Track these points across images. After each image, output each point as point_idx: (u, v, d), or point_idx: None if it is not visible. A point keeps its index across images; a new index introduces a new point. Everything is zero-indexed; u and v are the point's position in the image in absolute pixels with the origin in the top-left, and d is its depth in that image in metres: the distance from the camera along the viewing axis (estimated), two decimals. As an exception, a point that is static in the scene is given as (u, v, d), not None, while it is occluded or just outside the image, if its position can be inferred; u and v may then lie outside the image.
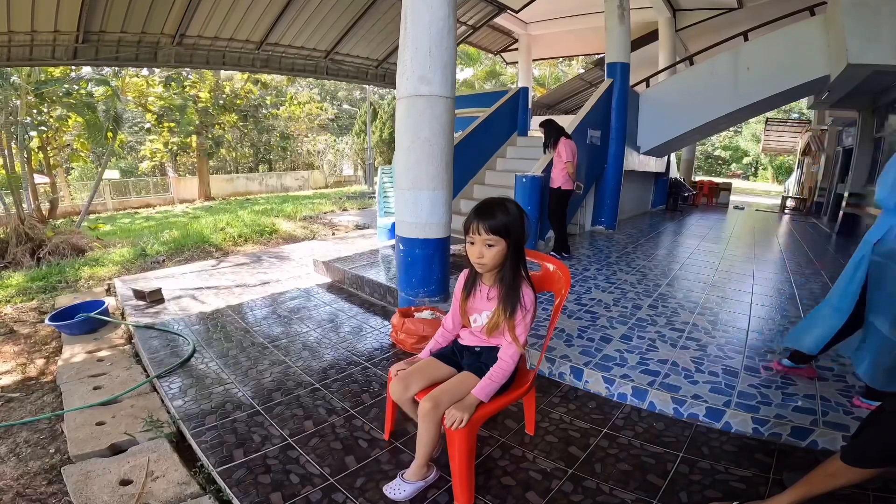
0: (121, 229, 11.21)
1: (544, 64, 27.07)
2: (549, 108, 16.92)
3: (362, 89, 29.56)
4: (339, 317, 4.04)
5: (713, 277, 5.04)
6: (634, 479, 2.00)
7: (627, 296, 4.24)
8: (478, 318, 1.91)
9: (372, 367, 3.06)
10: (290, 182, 26.92)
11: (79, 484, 1.97)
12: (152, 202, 20.97)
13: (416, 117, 3.50)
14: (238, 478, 1.99)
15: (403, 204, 3.69)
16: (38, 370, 3.28)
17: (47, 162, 13.22)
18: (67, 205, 17.44)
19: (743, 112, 8.30)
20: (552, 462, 2.11)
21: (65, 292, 5.11)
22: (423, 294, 3.80)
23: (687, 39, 12.28)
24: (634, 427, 2.40)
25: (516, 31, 13.18)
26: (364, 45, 8.53)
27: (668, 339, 3.28)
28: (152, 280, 5.12)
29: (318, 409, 2.54)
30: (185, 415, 2.49)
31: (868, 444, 1.51)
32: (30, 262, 6.93)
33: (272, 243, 7.93)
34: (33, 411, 2.71)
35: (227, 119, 21.80)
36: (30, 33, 5.49)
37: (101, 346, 3.49)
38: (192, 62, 7.22)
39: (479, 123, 7.57)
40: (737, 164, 43.01)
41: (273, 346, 3.40)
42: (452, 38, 3.47)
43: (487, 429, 2.35)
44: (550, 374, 2.95)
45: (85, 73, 11.43)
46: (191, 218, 12.61)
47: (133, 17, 5.91)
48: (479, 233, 1.72)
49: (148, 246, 7.30)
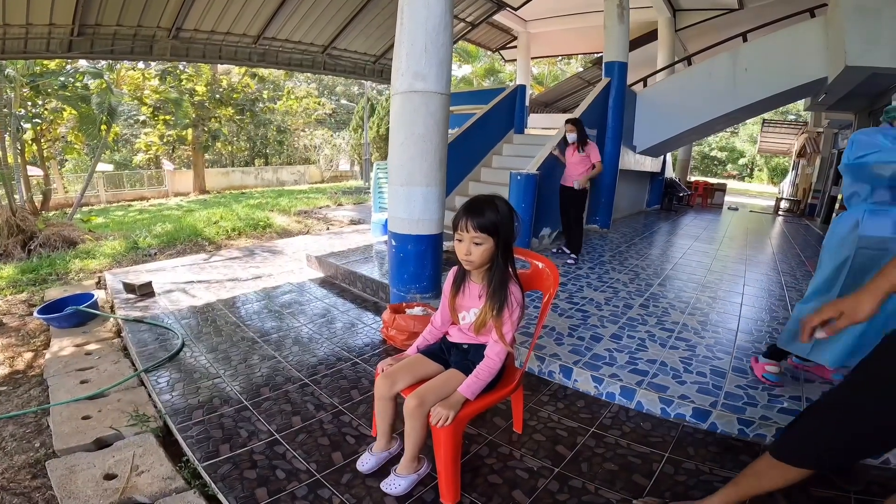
0: (114, 222, 11.14)
1: (543, 62, 27.04)
2: (546, 105, 16.90)
3: (360, 84, 29.42)
4: (331, 312, 4.03)
5: (705, 278, 5.06)
6: (620, 478, 2.00)
7: (619, 295, 4.25)
8: (466, 316, 1.90)
9: (362, 363, 3.06)
10: (286, 176, 26.79)
11: (63, 478, 1.96)
12: (147, 195, 20.83)
13: (411, 114, 3.48)
14: (224, 473, 1.98)
15: (396, 200, 3.69)
16: (26, 363, 3.26)
17: (41, 154, 13.09)
18: (61, 197, 17.30)
19: (740, 113, 8.32)
20: (539, 461, 2.11)
21: (55, 285, 5.09)
22: (415, 290, 3.80)
23: (686, 40, 12.29)
24: (622, 427, 2.40)
25: (515, 29, 13.16)
26: (362, 40, 8.48)
27: (658, 338, 3.29)
28: (143, 273, 5.10)
29: (306, 405, 2.54)
30: (172, 409, 2.49)
31: (801, 438, 1.40)
32: (21, 253, 6.89)
33: (266, 237, 7.91)
34: (20, 405, 2.70)
35: (223, 113, 21.70)
36: (25, 26, 5.43)
37: (89, 339, 3.48)
38: (189, 56, 7.16)
39: (475, 120, 7.58)
40: (733, 165, 43.08)
41: (263, 341, 3.39)
42: (449, 35, 3.45)
43: (475, 426, 2.35)
44: (540, 373, 2.95)
45: (81, 66, 11.35)
46: (185, 211, 12.56)
47: (129, 10, 5.85)
48: (468, 230, 1.71)
49: (140, 239, 7.27)
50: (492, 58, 24.49)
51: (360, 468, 1.97)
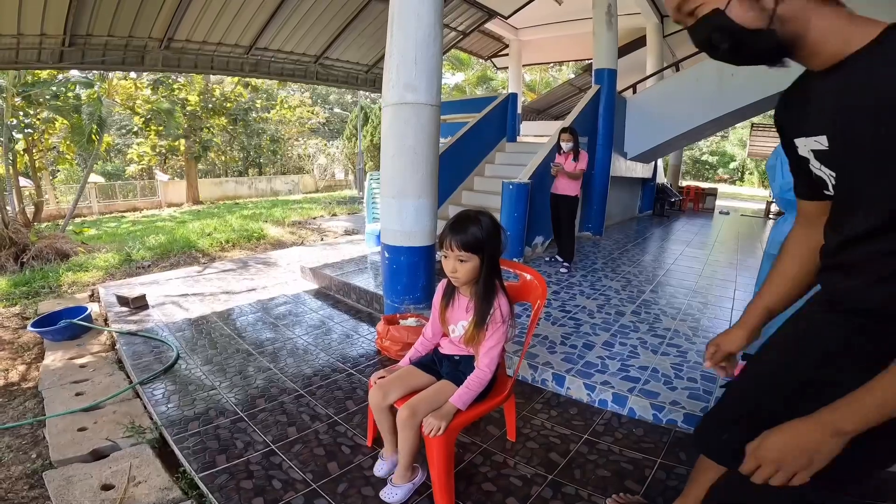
0: (106, 233, 11.11)
1: (535, 69, 27.22)
2: (538, 112, 17.01)
3: (354, 93, 29.53)
4: (326, 323, 4.05)
5: (696, 283, 5.11)
6: (613, 485, 2.03)
7: (611, 302, 4.29)
8: (455, 329, 1.93)
9: (357, 374, 3.08)
10: (279, 186, 26.79)
11: (60, 489, 1.97)
12: (139, 206, 20.79)
13: (402, 125, 3.52)
14: (220, 483, 2.00)
15: (388, 212, 3.72)
16: (20, 376, 3.26)
17: (32, 165, 13.07)
18: (53, 208, 17.25)
19: (729, 118, 8.39)
20: (533, 468, 2.13)
21: (48, 298, 5.07)
22: (409, 301, 3.82)
23: (675, 45, 12.41)
24: (614, 433, 2.43)
25: (507, 37, 13.26)
26: (354, 49, 8.54)
27: (650, 345, 3.33)
28: (137, 286, 5.09)
29: (301, 416, 2.56)
30: (168, 421, 2.50)
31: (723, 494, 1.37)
32: (13, 266, 6.87)
33: (260, 249, 7.92)
34: (15, 417, 2.71)
35: (216, 122, 21.69)
36: (16, 36, 5.44)
37: (83, 352, 3.48)
38: (180, 66, 7.19)
39: (467, 129, 7.61)
40: (724, 169, 43.47)
41: (258, 352, 3.40)
42: (439, 46, 3.50)
43: (469, 435, 2.37)
44: (533, 381, 2.98)
45: (72, 76, 11.35)
46: (178, 222, 12.53)
47: (120, 21, 5.88)
48: (452, 248, 1.73)
49: (133, 251, 7.26)
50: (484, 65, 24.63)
51: (377, 473, 2.04)
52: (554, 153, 5.56)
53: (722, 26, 0.94)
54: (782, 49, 0.95)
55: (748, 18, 0.92)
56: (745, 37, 0.94)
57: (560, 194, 5.36)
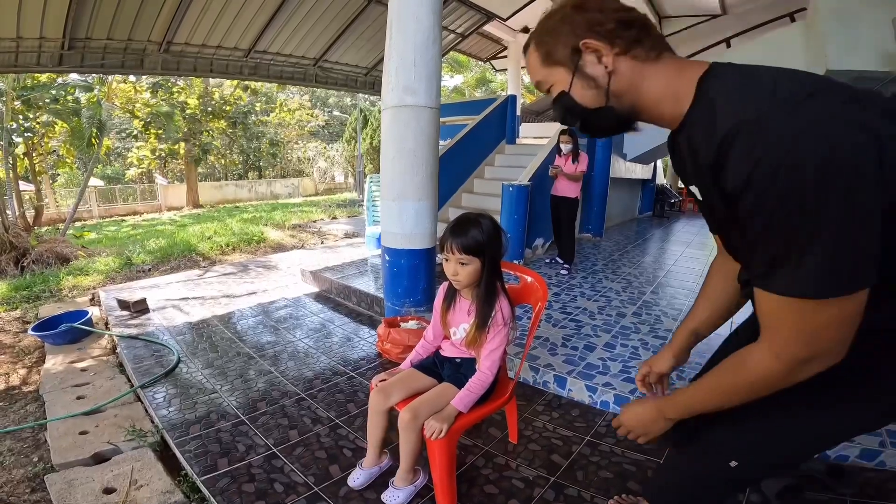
0: (107, 237, 11.11)
1: (534, 71, 27.16)
2: (537, 114, 17.01)
3: (353, 95, 29.53)
4: (326, 327, 4.05)
5: (697, 284, 5.10)
6: (615, 486, 2.03)
7: (612, 304, 4.29)
8: (457, 331, 1.93)
9: (358, 377, 3.08)
10: (279, 189, 26.77)
11: (62, 492, 1.97)
12: (139, 209, 20.77)
13: (401, 128, 3.52)
14: (222, 486, 2.00)
15: (389, 214, 3.72)
16: (21, 379, 3.26)
17: (32, 168, 13.08)
18: (53, 212, 17.25)
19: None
20: (535, 470, 2.13)
21: (49, 302, 5.08)
22: (409, 304, 3.82)
23: (673, 46, 12.35)
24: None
25: (505, 39, 13.24)
26: (353, 52, 8.54)
27: (651, 346, 3.32)
28: (137, 290, 5.10)
29: (303, 419, 2.56)
30: (170, 424, 2.50)
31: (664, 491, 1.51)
32: (14, 270, 6.85)
33: (260, 252, 7.92)
34: (16, 420, 2.70)
35: (215, 125, 21.70)
36: (15, 39, 5.45)
37: (84, 356, 3.48)
38: (179, 70, 7.19)
39: (467, 131, 7.62)
40: (723, 171, 43.62)
41: (259, 356, 3.41)
42: (438, 48, 3.50)
43: (471, 437, 2.37)
44: (535, 383, 2.98)
45: (71, 80, 11.35)
46: (178, 226, 12.54)
47: (119, 24, 5.88)
48: (453, 252, 1.74)
49: (133, 255, 7.26)
50: (483, 67, 24.67)
51: (351, 484, 1.99)
52: (553, 155, 5.57)
53: (569, 107, 1.00)
54: (624, 122, 1.00)
55: (588, 98, 0.97)
56: (589, 115, 1.00)
57: (560, 196, 5.37)
